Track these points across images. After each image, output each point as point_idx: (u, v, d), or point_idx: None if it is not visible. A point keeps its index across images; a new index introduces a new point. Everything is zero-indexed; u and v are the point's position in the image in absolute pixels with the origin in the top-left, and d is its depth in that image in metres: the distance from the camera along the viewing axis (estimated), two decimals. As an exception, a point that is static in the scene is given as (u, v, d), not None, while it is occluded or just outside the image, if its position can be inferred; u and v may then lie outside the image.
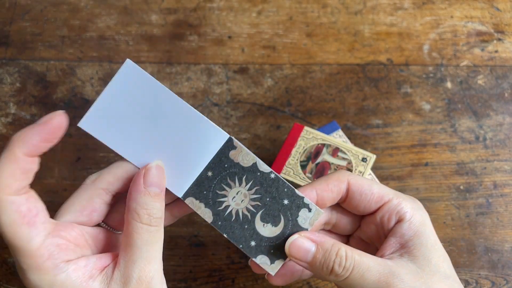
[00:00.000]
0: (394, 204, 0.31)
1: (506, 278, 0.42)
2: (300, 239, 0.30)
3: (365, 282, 0.28)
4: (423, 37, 0.52)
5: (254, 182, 0.31)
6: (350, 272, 0.28)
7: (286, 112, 0.48)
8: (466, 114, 0.48)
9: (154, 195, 0.28)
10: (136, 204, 0.27)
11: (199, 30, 0.52)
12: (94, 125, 0.29)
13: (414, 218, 0.30)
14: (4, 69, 0.50)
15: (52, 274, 0.25)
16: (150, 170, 0.28)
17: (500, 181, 0.46)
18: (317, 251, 0.29)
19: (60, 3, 0.53)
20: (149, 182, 0.28)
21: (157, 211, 0.28)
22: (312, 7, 0.53)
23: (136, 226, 0.27)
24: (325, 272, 0.29)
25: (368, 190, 0.31)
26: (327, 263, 0.28)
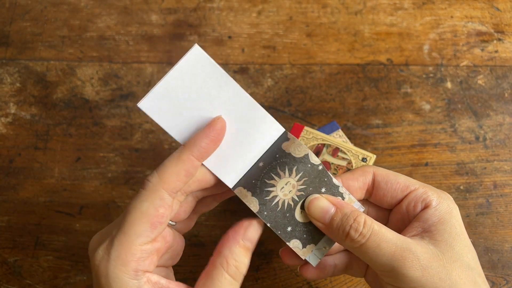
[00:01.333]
0: (420, 192, 0.31)
1: (506, 278, 0.42)
2: (321, 199, 0.30)
3: (380, 252, 0.27)
4: (423, 37, 0.52)
5: (304, 173, 0.31)
6: (366, 239, 0.28)
7: (286, 112, 0.48)
8: (466, 114, 0.48)
9: (247, 249, 0.28)
10: (229, 252, 0.27)
11: (199, 30, 0.52)
12: (153, 107, 0.28)
13: (440, 205, 0.30)
14: (4, 69, 0.50)
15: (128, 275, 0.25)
16: (253, 225, 0.28)
17: (500, 181, 0.46)
18: (336, 213, 0.29)
19: (60, 3, 0.53)
20: (248, 237, 0.28)
21: (244, 268, 0.28)
22: (312, 7, 0.53)
23: (222, 274, 0.27)
24: (341, 236, 0.28)
25: (393, 180, 0.31)
26: (344, 226, 0.28)
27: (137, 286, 0.25)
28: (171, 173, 0.26)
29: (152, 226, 0.26)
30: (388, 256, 0.27)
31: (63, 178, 0.46)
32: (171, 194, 0.27)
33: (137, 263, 0.25)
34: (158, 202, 0.26)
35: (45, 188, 0.45)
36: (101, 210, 0.45)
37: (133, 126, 0.48)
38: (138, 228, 0.26)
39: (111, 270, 0.25)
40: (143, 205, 0.26)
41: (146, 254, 0.26)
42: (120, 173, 0.46)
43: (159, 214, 0.26)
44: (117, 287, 0.25)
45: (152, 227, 0.26)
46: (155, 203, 0.26)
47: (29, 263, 0.43)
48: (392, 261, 0.27)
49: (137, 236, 0.25)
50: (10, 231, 0.44)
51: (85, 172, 0.46)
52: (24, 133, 0.48)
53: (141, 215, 0.26)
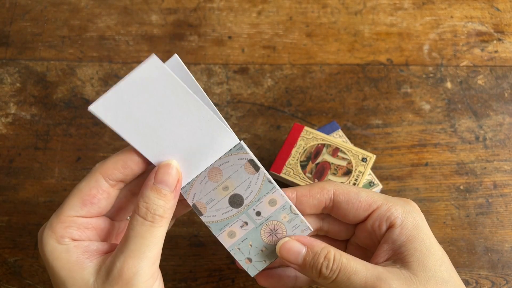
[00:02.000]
0: (383, 210, 0.30)
1: (506, 278, 0.42)
2: (291, 242, 0.30)
3: (351, 285, 0.28)
4: (423, 37, 0.52)
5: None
6: (336, 275, 0.28)
7: (286, 112, 0.48)
8: (466, 114, 0.48)
9: (159, 192, 0.28)
10: (140, 197, 0.28)
11: (199, 30, 0.52)
12: (106, 111, 0.28)
13: (405, 222, 0.30)
14: (4, 69, 0.50)
15: (56, 238, 0.28)
16: (163, 168, 0.28)
17: (500, 181, 0.46)
18: (307, 253, 0.29)
19: (60, 3, 0.53)
20: (159, 179, 0.28)
21: (157, 208, 0.27)
22: (312, 7, 0.53)
23: (134, 217, 0.28)
24: (314, 274, 0.29)
25: (355, 199, 0.31)
26: (316, 265, 0.29)
27: (65, 249, 0.27)
28: (110, 162, 0.29)
29: (83, 202, 0.28)
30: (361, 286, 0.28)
31: (63, 178, 0.46)
32: (107, 180, 0.28)
33: (64, 230, 0.28)
34: (92, 184, 0.28)
35: (45, 188, 0.45)
36: (101, 210, 0.45)
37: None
38: (70, 202, 0.28)
39: (44, 236, 0.28)
40: (80, 185, 0.29)
41: (75, 225, 0.28)
42: (120, 173, 0.46)
43: (91, 194, 0.28)
44: (47, 250, 0.27)
45: (82, 204, 0.28)
46: (90, 184, 0.28)
47: (29, 263, 0.43)
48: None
49: (67, 209, 0.28)
50: (10, 231, 0.44)
51: (85, 172, 0.46)
52: (24, 133, 0.48)
53: (75, 192, 0.29)
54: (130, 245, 0.27)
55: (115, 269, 0.26)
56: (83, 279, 0.27)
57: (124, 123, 0.29)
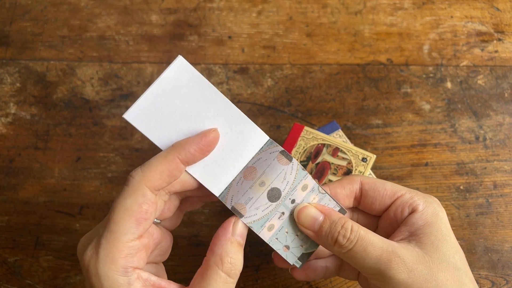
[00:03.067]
0: (407, 198, 0.31)
1: (506, 278, 0.42)
2: (309, 207, 0.30)
3: (367, 256, 0.28)
4: (423, 37, 0.52)
5: None
6: (353, 245, 0.28)
7: (286, 112, 0.48)
8: (466, 114, 0.48)
9: (239, 245, 0.28)
10: (222, 250, 0.27)
11: (199, 30, 0.52)
12: (139, 118, 0.28)
13: (426, 209, 0.30)
14: (4, 69, 0.50)
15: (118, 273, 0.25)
16: (240, 221, 0.29)
17: (500, 181, 0.46)
18: (324, 221, 0.30)
19: (60, 3, 0.53)
20: (237, 232, 0.28)
21: (239, 264, 0.28)
22: (312, 7, 0.53)
23: (217, 273, 0.27)
24: (330, 242, 0.29)
25: (381, 187, 0.32)
26: (333, 233, 0.29)
27: (127, 282, 0.25)
28: (155, 171, 0.27)
29: (137, 222, 0.26)
30: (375, 259, 0.28)
31: (63, 178, 0.46)
32: (153, 192, 0.27)
33: (125, 259, 0.25)
34: (141, 199, 0.26)
35: (45, 188, 0.45)
36: (101, 210, 0.45)
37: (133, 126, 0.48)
38: (123, 225, 0.26)
39: (101, 269, 0.25)
40: (127, 202, 0.26)
41: (133, 250, 0.26)
42: (120, 173, 0.46)
43: (142, 211, 0.26)
44: (108, 285, 0.25)
45: (137, 224, 0.26)
46: (138, 199, 0.26)
47: (29, 263, 0.43)
48: (378, 264, 0.28)
49: (123, 234, 0.25)
50: (10, 231, 0.44)
51: (85, 172, 0.46)
52: (24, 133, 0.48)
53: (125, 212, 0.26)
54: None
55: None
56: None
57: (157, 130, 0.29)
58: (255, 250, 0.43)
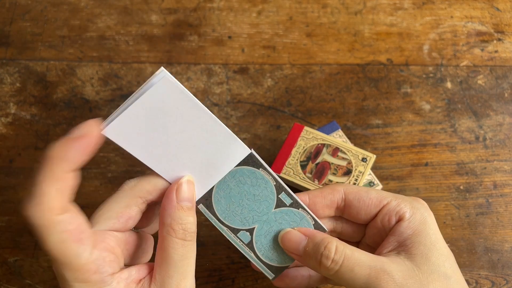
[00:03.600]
0: (393, 205, 0.31)
1: (506, 278, 0.42)
2: (292, 232, 0.30)
3: (355, 276, 0.28)
4: (423, 37, 0.52)
5: None
6: (339, 266, 0.28)
7: (286, 112, 0.48)
8: (466, 114, 0.48)
9: (187, 209, 0.28)
10: (171, 219, 0.27)
11: (199, 30, 0.52)
12: (119, 133, 0.28)
13: (414, 217, 0.30)
14: (4, 69, 0.50)
15: (98, 287, 0.25)
16: (182, 186, 0.28)
17: (500, 181, 0.46)
18: (307, 243, 0.29)
19: (60, 3, 0.53)
20: (181, 197, 0.28)
21: (191, 226, 0.28)
22: (312, 7, 0.53)
23: (172, 241, 0.27)
24: (315, 264, 0.29)
25: (365, 196, 0.31)
26: (316, 255, 0.29)
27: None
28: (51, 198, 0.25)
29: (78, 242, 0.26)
30: (364, 279, 0.27)
31: (63, 178, 0.46)
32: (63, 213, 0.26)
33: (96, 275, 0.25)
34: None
35: (45, 188, 0.45)
36: (101, 210, 0.45)
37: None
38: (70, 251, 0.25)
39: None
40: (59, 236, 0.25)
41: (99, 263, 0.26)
42: (120, 173, 0.46)
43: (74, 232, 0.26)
44: None
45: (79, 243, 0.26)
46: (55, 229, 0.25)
47: (29, 263, 0.43)
48: (367, 284, 0.27)
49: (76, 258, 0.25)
50: (10, 231, 0.44)
51: (85, 172, 0.46)
52: (24, 133, 0.48)
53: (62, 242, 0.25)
54: (178, 268, 0.27)
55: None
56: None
57: (137, 144, 0.28)
58: (255, 250, 0.43)
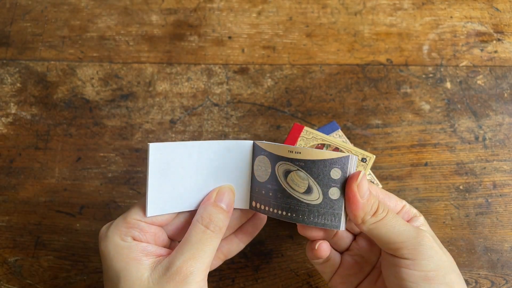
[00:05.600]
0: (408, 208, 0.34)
1: (505, 278, 0.42)
2: (365, 181, 0.31)
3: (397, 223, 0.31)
4: (423, 38, 0.52)
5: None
6: (386, 213, 0.31)
7: (286, 112, 0.49)
8: (466, 114, 0.48)
9: (220, 208, 0.32)
10: (203, 211, 0.32)
11: (199, 31, 0.52)
12: (157, 206, 0.32)
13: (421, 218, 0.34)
14: (5, 69, 0.50)
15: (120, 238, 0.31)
16: (221, 191, 0.33)
17: (500, 181, 0.46)
18: (370, 193, 0.31)
19: (61, 4, 0.53)
20: (219, 199, 0.33)
21: (218, 221, 0.32)
22: (312, 8, 0.53)
23: (196, 226, 0.31)
24: (371, 212, 0.31)
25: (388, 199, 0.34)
26: (374, 205, 0.31)
27: (127, 246, 0.30)
28: None
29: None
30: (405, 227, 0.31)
31: (63, 178, 0.46)
32: None
33: (128, 230, 0.31)
34: None
35: (45, 188, 0.45)
36: (101, 210, 0.45)
37: (133, 126, 0.48)
38: (136, 208, 0.32)
39: (109, 233, 0.31)
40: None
41: (138, 227, 0.31)
42: (120, 173, 0.46)
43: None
44: (110, 244, 0.31)
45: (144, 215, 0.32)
46: None
47: (29, 263, 0.43)
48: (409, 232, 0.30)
49: (133, 213, 0.32)
50: (11, 231, 0.44)
51: (85, 172, 0.46)
52: (25, 133, 0.48)
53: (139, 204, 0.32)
54: (191, 249, 0.30)
55: (173, 267, 0.29)
56: (138, 272, 0.30)
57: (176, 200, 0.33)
58: (255, 250, 0.43)
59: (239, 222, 0.36)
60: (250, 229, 0.37)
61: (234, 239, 0.36)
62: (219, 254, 0.36)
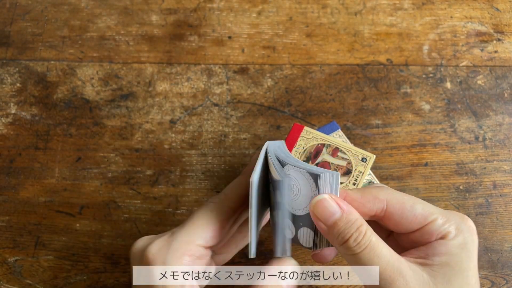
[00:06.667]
0: (439, 224, 0.29)
1: (505, 278, 0.42)
2: (329, 201, 0.28)
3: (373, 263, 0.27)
4: (423, 38, 0.52)
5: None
6: (361, 250, 0.27)
7: (286, 112, 0.48)
8: (466, 114, 0.48)
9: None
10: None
11: (199, 31, 0.52)
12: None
13: (455, 239, 0.28)
14: (5, 69, 0.50)
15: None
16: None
17: (500, 181, 0.46)
18: (340, 218, 0.28)
19: (61, 4, 0.53)
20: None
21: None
22: (312, 8, 0.53)
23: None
24: (339, 241, 0.28)
25: (409, 212, 0.29)
26: (345, 234, 0.27)
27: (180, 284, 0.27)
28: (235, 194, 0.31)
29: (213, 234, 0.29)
30: (381, 272, 0.27)
31: (63, 178, 0.46)
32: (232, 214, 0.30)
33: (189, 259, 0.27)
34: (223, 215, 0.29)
35: (45, 188, 0.45)
36: (101, 210, 0.45)
37: (133, 126, 0.48)
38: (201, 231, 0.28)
39: (169, 259, 0.27)
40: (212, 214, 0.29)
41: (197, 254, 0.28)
42: (120, 173, 0.46)
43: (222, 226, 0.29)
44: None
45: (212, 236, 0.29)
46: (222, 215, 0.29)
47: (29, 263, 0.43)
48: (380, 278, 0.26)
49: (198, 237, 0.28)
50: (11, 231, 0.44)
51: (85, 172, 0.46)
52: (25, 133, 0.48)
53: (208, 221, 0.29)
54: None
55: None
56: None
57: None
58: (255, 250, 0.43)
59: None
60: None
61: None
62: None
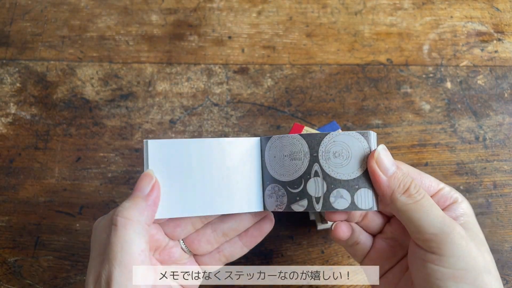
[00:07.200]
0: (447, 191, 0.32)
1: (506, 278, 0.42)
2: (388, 152, 0.30)
3: (432, 212, 0.28)
4: (423, 37, 0.52)
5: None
6: (422, 197, 0.28)
7: (286, 112, 0.48)
8: (466, 114, 0.48)
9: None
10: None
11: (199, 31, 0.52)
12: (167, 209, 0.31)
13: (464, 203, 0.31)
14: (5, 69, 0.50)
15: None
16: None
17: (500, 181, 0.46)
18: (398, 169, 0.29)
19: (60, 3, 0.53)
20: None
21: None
22: (312, 7, 0.53)
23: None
24: (400, 190, 0.29)
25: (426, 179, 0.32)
26: (405, 181, 0.29)
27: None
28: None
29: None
30: (440, 218, 0.28)
31: (63, 178, 0.46)
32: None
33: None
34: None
35: (45, 188, 0.45)
36: (101, 210, 0.45)
37: (133, 126, 0.48)
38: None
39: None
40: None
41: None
42: (120, 173, 0.46)
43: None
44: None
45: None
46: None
47: (29, 263, 0.43)
48: (443, 224, 0.28)
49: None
50: (10, 231, 0.44)
51: (85, 172, 0.46)
52: (24, 133, 0.48)
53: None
54: None
55: None
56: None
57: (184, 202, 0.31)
58: (255, 250, 0.43)
59: (245, 225, 0.34)
60: (255, 233, 0.35)
61: (238, 242, 0.35)
62: (220, 257, 0.35)
